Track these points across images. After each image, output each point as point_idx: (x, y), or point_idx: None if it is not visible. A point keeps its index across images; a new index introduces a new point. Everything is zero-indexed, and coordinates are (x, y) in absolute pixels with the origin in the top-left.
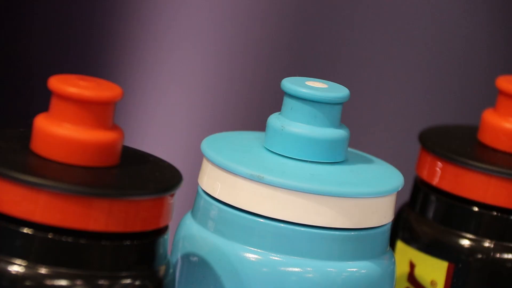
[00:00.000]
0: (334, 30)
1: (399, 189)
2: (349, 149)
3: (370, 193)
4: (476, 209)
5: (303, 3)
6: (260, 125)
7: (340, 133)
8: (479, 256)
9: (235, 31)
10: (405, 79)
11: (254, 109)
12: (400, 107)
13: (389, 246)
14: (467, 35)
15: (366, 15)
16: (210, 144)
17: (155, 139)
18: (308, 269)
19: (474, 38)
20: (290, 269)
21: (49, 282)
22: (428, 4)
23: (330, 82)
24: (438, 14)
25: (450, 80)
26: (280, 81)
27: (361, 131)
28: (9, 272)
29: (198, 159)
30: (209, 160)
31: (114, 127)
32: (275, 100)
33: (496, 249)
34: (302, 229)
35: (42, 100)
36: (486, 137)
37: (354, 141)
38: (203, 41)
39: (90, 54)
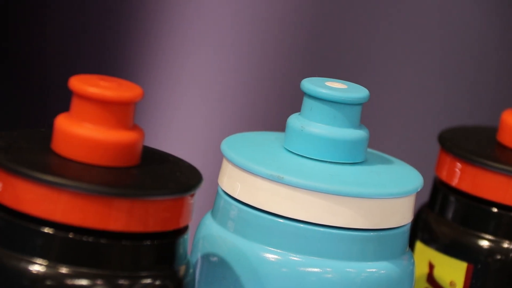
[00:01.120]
0: (354, 31)
1: (419, 189)
2: (369, 149)
3: (390, 194)
4: (495, 210)
5: (323, 4)
6: (280, 126)
7: (359, 133)
8: (498, 257)
9: (255, 32)
10: (424, 79)
11: (274, 110)
12: (420, 108)
13: (408, 247)
14: (486, 35)
15: (386, 16)
16: (230, 145)
17: (175, 139)
18: (328, 269)
19: (493, 38)
20: (310, 269)
21: (69, 281)
22: (447, 5)
23: (350, 82)
24: (457, 15)
25: (469, 80)
26: (300, 81)
27: (381, 131)
28: (30, 272)
29: (218, 159)
30: (229, 161)
31: (135, 127)
32: (294, 101)
33: None
34: (322, 229)
35: (63, 100)
36: (505, 138)
37: (373, 142)
38: (223, 42)
39: (110, 55)
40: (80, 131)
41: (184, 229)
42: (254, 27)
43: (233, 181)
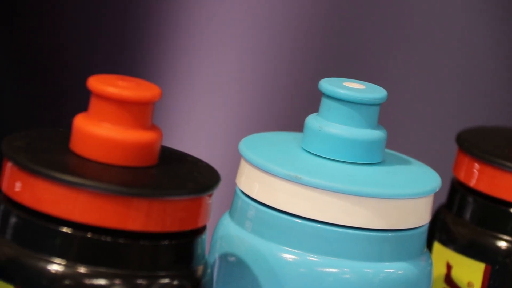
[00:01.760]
0: (372, 31)
1: (436, 190)
2: (386, 150)
3: (407, 194)
4: None
5: (342, 4)
6: (297, 126)
7: (377, 134)
8: None
9: (273, 32)
10: (443, 80)
11: (291, 110)
12: (438, 108)
13: (426, 247)
14: (505, 36)
15: (403, 17)
16: (248, 145)
17: (193, 139)
18: (345, 269)
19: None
20: (327, 269)
21: (87, 281)
22: (465, 6)
23: (368, 83)
24: (474, 15)
25: (488, 81)
26: (318, 81)
27: (398, 132)
28: (48, 271)
29: (236, 159)
30: (247, 161)
31: (153, 127)
32: (313, 101)
33: None
34: (339, 229)
35: (82, 100)
36: None
37: (391, 142)
38: (241, 42)
39: (129, 55)
40: (98, 131)
41: (202, 229)
42: (273, 27)
43: (251, 181)
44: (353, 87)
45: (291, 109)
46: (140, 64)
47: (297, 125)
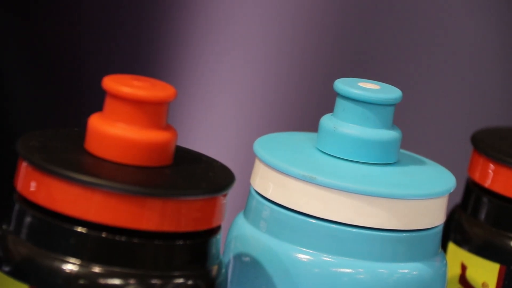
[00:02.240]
0: (386, 32)
1: (451, 191)
2: (401, 150)
3: (422, 195)
4: None
5: (356, 5)
6: (312, 126)
7: (392, 134)
8: None
9: (288, 32)
10: (457, 80)
11: (306, 110)
12: (453, 109)
13: (440, 248)
14: None
15: (419, 17)
16: (263, 145)
17: (208, 139)
18: (360, 270)
19: None
20: (342, 270)
21: (102, 281)
22: (479, 6)
23: (383, 83)
24: (488, 15)
25: (503, 81)
26: (333, 82)
27: (413, 132)
28: (63, 271)
29: (250, 159)
30: (261, 161)
31: (168, 127)
32: (327, 101)
33: None
34: (354, 230)
35: (96, 100)
36: None
37: (406, 143)
38: (255, 42)
39: (143, 55)
40: (113, 131)
41: (217, 229)
42: (288, 27)
43: (266, 181)
44: (368, 88)
45: (306, 109)
46: (155, 64)
47: (311, 126)
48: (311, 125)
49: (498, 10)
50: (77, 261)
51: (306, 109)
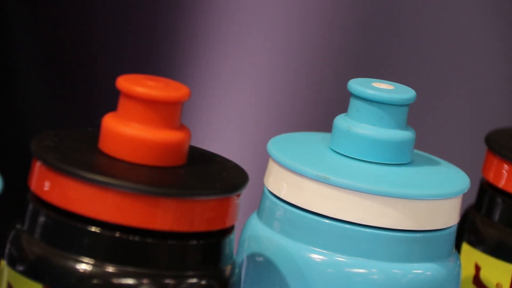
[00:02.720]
0: (400, 32)
1: (465, 191)
2: (415, 150)
3: (436, 195)
4: None
5: (371, 4)
6: (326, 126)
7: (406, 134)
8: None
9: (302, 32)
10: (471, 80)
11: (320, 110)
12: (467, 109)
13: (454, 248)
14: None
15: (433, 17)
16: (276, 145)
17: (222, 139)
18: (373, 270)
19: None
20: (355, 270)
21: (116, 280)
22: (494, 7)
23: (397, 83)
24: (504, 16)
25: None
26: (347, 82)
27: (427, 132)
28: (77, 270)
29: (264, 159)
30: (275, 161)
31: (181, 127)
32: (341, 101)
33: None
34: (367, 230)
35: (110, 100)
36: None
37: (420, 143)
38: (269, 42)
39: (157, 54)
40: (127, 131)
41: (230, 229)
42: (303, 27)
43: (279, 181)
44: (382, 88)
45: (320, 109)
46: (169, 64)
47: (325, 126)
48: (325, 125)
49: (510, 9)
50: (91, 261)
51: (320, 109)
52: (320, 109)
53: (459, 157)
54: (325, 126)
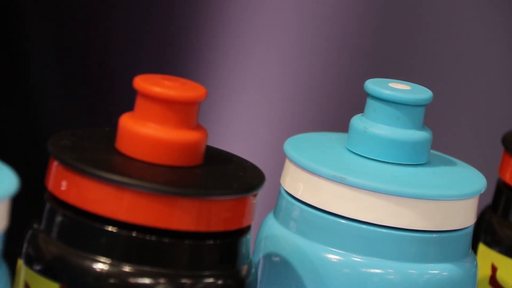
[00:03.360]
0: (418, 32)
1: (482, 191)
2: (432, 151)
3: (453, 196)
4: None
5: (388, 5)
6: (342, 127)
7: (422, 135)
8: None
9: (317, 32)
10: (489, 81)
11: (337, 110)
12: (484, 110)
13: (471, 249)
14: None
15: (451, 18)
16: (293, 145)
17: (238, 139)
18: (390, 270)
19: None
20: (372, 270)
21: (132, 280)
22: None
23: (413, 83)
24: None
25: None
26: (363, 82)
27: (444, 133)
28: (93, 270)
29: (280, 159)
30: (291, 161)
31: (198, 127)
32: (358, 101)
33: None
34: (384, 230)
35: (127, 100)
36: None
37: (436, 143)
38: (285, 42)
39: (174, 54)
40: (144, 131)
41: (247, 229)
42: (318, 26)
43: (296, 182)
44: (399, 88)
45: (336, 109)
46: (185, 64)
47: (342, 126)
48: (342, 126)
49: None
50: (108, 260)
51: (336, 109)
52: (336, 110)
53: (475, 158)
54: (342, 126)
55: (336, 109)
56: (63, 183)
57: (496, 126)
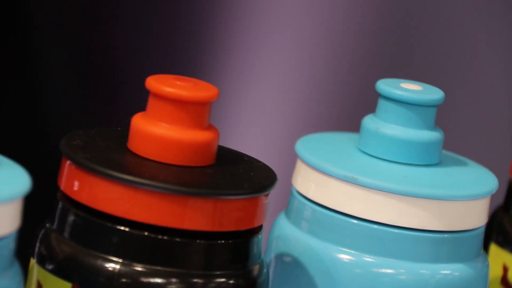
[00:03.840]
0: (429, 32)
1: (493, 192)
2: (443, 151)
3: (464, 196)
4: None
5: (401, 5)
6: (354, 127)
7: (434, 135)
8: None
9: (330, 32)
10: (500, 81)
11: (348, 110)
12: (495, 110)
13: (482, 249)
14: None
15: (462, 18)
16: (304, 145)
17: (250, 139)
18: (401, 270)
19: None
20: (383, 270)
21: (144, 279)
22: None
23: (425, 84)
24: None
25: None
26: (375, 82)
27: (456, 133)
28: (105, 269)
29: (292, 159)
30: (303, 161)
31: (210, 127)
32: (369, 102)
33: None
34: (395, 231)
35: (139, 100)
36: None
37: (448, 144)
38: (297, 42)
39: (186, 54)
40: (156, 131)
41: (258, 228)
42: (330, 27)
43: (307, 182)
44: (410, 88)
45: (348, 109)
46: (197, 64)
47: (353, 126)
48: (353, 126)
49: None
50: (120, 260)
51: (348, 109)
52: (348, 109)
53: (487, 158)
54: (353, 126)
55: (347, 109)
56: (76, 183)
57: (508, 126)
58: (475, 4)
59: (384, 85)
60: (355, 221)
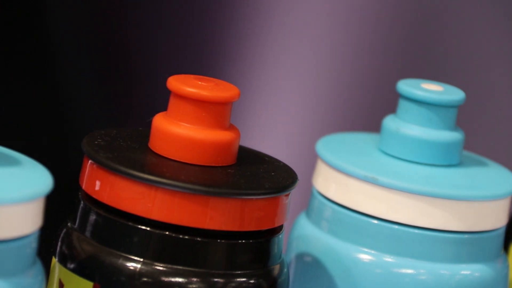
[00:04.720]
0: (450, 32)
1: None
2: (464, 152)
3: (485, 196)
4: None
5: (420, 4)
6: (375, 127)
7: (455, 136)
8: None
9: (351, 31)
10: None
11: (369, 111)
12: None
13: (503, 250)
14: None
15: (481, 19)
16: (325, 145)
17: (271, 140)
18: (421, 271)
19: None
20: (403, 270)
21: (165, 278)
22: None
23: (446, 84)
24: None
25: None
26: (396, 82)
27: (476, 134)
28: (127, 268)
29: (312, 159)
30: (324, 161)
31: (231, 127)
32: (390, 102)
33: None
34: (416, 231)
35: (161, 100)
36: None
37: (469, 144)
38: (318, 42)
39: (207, 55)
40: (177, 130)
41: (279, 228)
42: (351, 26)
43: (328, 182)
44: (431, 89)
45: (369, 110)
46: (218, 64)
47: (374, 126)
48: (374, 126)
49: None
50: (141, 259)
51: (369, 109)
52: (369, 110)
53: (508, 159)
54: (374, 126)
55: (368, 110)
56: (97, 182)
57: None
58: (499, 5)
59: (405, 86)
60: (375, 221)
